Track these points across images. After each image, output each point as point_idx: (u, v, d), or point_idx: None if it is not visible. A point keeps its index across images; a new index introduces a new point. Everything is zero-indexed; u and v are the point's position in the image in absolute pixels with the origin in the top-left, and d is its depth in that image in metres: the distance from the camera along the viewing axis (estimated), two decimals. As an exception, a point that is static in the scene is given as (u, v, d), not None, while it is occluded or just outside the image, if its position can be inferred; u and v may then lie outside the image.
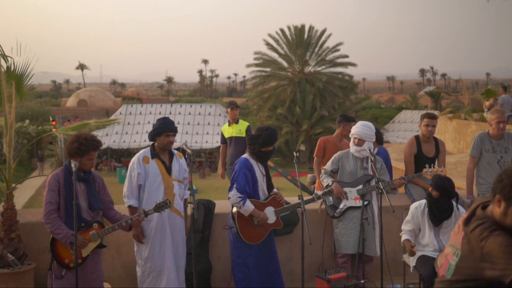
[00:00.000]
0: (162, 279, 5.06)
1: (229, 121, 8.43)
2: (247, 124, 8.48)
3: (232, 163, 8.01)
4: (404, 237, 5.26)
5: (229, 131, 8.37)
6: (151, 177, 5.09)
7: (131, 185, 5.11)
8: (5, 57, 5.61)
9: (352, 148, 5.80)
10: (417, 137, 6.40)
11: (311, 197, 5.58)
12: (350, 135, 5.89)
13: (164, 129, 5.12)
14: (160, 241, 5.08)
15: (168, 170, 5.16)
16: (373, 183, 5.72)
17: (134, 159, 5.18)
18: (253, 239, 5.20)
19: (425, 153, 6.27)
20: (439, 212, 5.10)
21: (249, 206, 5.12)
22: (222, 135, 8.52)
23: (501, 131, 6.12)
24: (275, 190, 5.47)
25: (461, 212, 5.32)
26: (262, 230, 5.25)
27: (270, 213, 5.28)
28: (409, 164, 6.31)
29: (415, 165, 6.23)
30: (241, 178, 5.15)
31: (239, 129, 8.32)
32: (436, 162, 6.32)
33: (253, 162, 5.27)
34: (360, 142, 5.73)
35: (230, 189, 5.20)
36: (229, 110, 8.34)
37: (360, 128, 5.78)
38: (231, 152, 8.28)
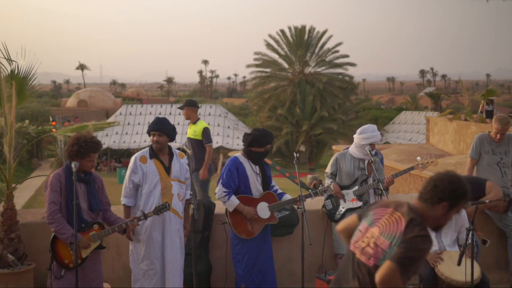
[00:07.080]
0: (159, 279, 5.06)
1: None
2: (204, 125, 7.97)
3: (194, 167, 7.63)
4: None
5: (188, 131, 8.11)
6: (148, 177, 5.10)
7: (125, 184, 5.19)
8: (9, 61, 5.68)
9: (363, 153, 5.76)
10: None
11: (307, 192, 5.57)
12: (365, 142, 5.73)
13: (149, 129, 5.21)
14: (157, 241, 5.07)
15: (167, 170, 5.15)
16: (370, 181, 5.74)
17: (132, 158, 5.25)
18: (247, 234, 5.29)
19: None
20: None
21: (233, 201, 5.25)
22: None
23: (498, 141, 6.16)
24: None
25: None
26: (256, 225, 5.33)
27: (263, 209, 5.36)
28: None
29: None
30: (226, 175, 5.32)
31: (193, 130, 7.96)
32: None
33: (243, 160, 5.41)
34: (373, 146, 5.82)
35: (217, 185, 5.37)
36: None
37: (376, 134, 5.79)
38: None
